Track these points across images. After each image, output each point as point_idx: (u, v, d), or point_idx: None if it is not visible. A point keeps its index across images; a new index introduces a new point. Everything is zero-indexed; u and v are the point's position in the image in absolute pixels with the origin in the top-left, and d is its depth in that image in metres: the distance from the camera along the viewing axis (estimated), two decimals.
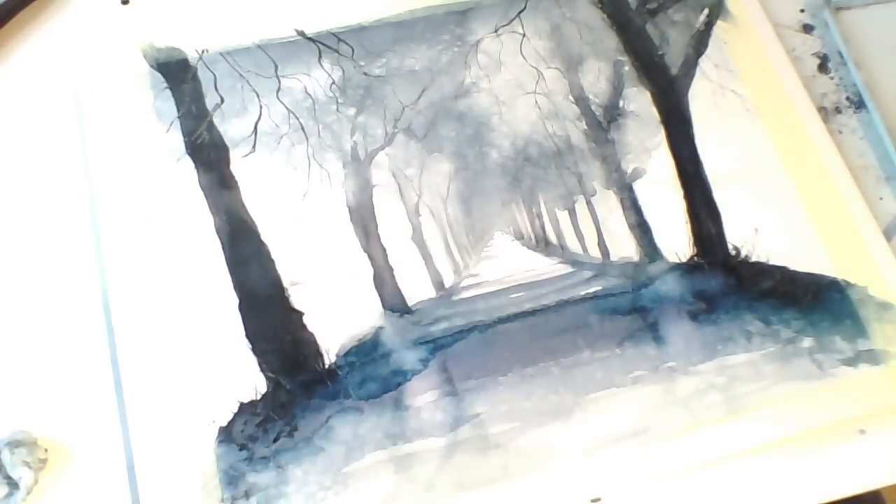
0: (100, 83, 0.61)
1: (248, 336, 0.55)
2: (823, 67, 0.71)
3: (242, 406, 0.53)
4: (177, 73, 0.62)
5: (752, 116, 0.67)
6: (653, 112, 0.67)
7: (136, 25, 0.63)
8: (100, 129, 0.60)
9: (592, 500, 0.52)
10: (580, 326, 0.58)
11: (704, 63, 0.69)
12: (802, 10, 0.74)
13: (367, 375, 0.55)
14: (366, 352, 0.56)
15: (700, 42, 0.70)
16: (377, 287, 0.59)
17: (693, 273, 0.62)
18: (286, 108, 0.63)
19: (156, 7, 0.65)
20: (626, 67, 0.69)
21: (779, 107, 0.68)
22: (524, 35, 0.69)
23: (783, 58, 0.70)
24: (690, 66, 0.69)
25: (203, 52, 0.63)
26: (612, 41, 0.69)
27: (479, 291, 0.62)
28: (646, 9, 0.71)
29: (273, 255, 0.58)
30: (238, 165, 0.60)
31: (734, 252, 0.62)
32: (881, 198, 0.65)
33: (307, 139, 0.62)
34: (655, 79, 0.69)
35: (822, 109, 0.69)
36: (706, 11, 0.71)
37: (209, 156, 0.60)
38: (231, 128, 0.61)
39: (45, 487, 0.50)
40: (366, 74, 0.65)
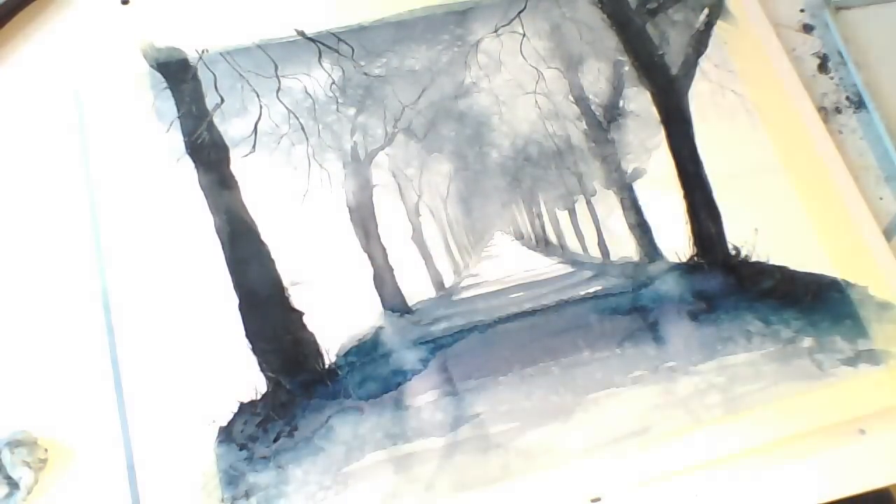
0: (100, 83, 0.61)
1: (248, 336, 0.55)
2: (823, 67, 0.71)
3: (242, 406, 0.53)
4: (177, 73, 0.62)
5: (752, 116, 0.67)
6: (653, 112, 0.67)
7: (136, 25, 0.63)
8: (100, 129, 0.60)
9: (592, 500, 0.52)
10: (580, 326, 0.58)
11: (704, 63, 0.69)
12: (802, 10, 0.74)
13: (367, 375, 0.55)
14: (366, 352, 0.56)
15: (700, 42, 0.70)
16: (377, 287, 0.59)
17: (693, 273, 0.62)
18: (286, 108, 0.63)
19: (156, 7, 0.65)
20: (626, 67, 0.69)
21: (779, 107, 0.68)
22: (524, 35, 0.69)
23: (783, 58, 0.70)
24: (690, 66, 0.69)
25: (203, 52, 0.63)
26: (612, 41, 0.70)
27: (479, 291, 0.62)
28: (646, 9, 0.71)
29: (273, 255, 0.58)
30: (238, 165, 0.60)
31: (734, 252, 0.62)
32: (881, 198, 0.65)
33: (307, 139, 0.62)
34: (655, 79, 0.69)
35: (822, 109, 0.69)
36: (706, 11, 0.71)
37: (209, 156, 0.60)
38: (231, 128, 0.61)
39: (45, 487, 0.50)
40: (366, 74, 0.65)
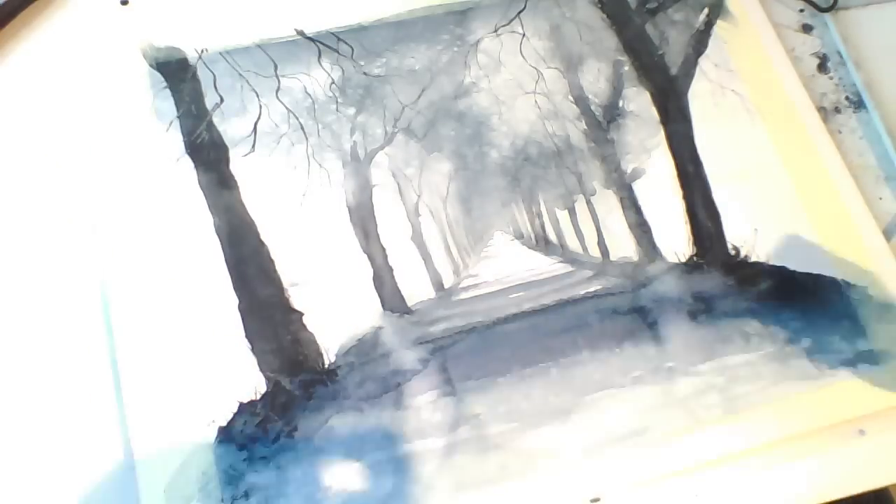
0: (99, 83, 0.61)
1: (248, 336, 0.55)
2: (823, 67, 0.71)
3: (242, 406, 0.53)
4: (176, 73, 0.62)
5: (752, 116, 0.67)
6: (652, 112, 0.67)
7: (136, 25, 0.63)
8: (99, 129, 0.60)
9: (592, 500, 0.52)
10: (579, 326, 0.58)
11: (704, 63, 0.69)
12: (802, 10, 0.74)
13: (367, 375, 0.55)
14: (365, 352, 0.56)
15: (700, 42, 0.70)
16: (377, 287, 0.59)
17: (692, 273, 0.62)
18: (286, 108, 0.63)
19: (155, 7, 0.65)
20: (626, 67, 0.69)
21: (779, 107, 0.68)
22: (524, 35, 0.69)
23: (783, 58, 0.70)
24: (690, 66, 0.69)
25: (202, 52, 0.63)
26: (612, 41, 0.69)
27: (479, 292, 0.62)
28: (646, 9, 0.71)
29: (273, 255, 0.58)
30: (238, 165, 0.60)
31: (733, 252, 0.62)
32: (881, 198, 0.65)
33: (307, 139, 0.62)
34: (655, 79, 0.69)
35: (822, 109, 0.69)
36: (706, 11, 0.71)
37: (209, 155, 0.60)
38: (230, 127, 0.61)
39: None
40: (365, 74, 0.65)
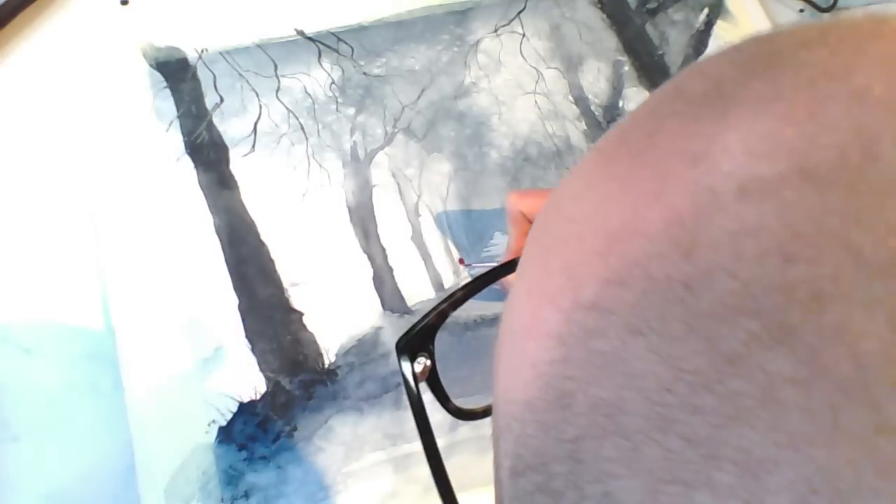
0: (99, 83, 0.61)
1: (248, 336, 0.55)
2: None
3: (242, 406, 0.53)
4: (176, 73, 0.62)
5: None
6: None
7: (136, 25, 0.63)
8: (99, 129, 0.60)
9: None
10: None
11: None
12: (802, 11, 0.74)
13: (367, 375, 0.55)
14: (365, 352, 0.56)
15: (700, 42, 0.70)
16: (377, 287, 0.59)
17: None
18: (286, 108, 0.63)
19: (155, 7, 0.65)
20: (626, 67, 0.69)
21: None
22: (524, 35, 0.69)
23: None
24: None
25: (203, 52, 0.63)
26: (612, 41, 0.70)
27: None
28: (646, 9, 0.71)
29: (273, 255, 0.58)
30: (237, 165, 0.60)
31: None
32: None
33: (307, 139, 0.62)
34: (655, 79, 0.69)
35: None
36: (706, 11, 0.71)
37: (209, 155, 0.60)
38: (230, 127, 0.61)
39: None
40: (365, 74, 0.65)
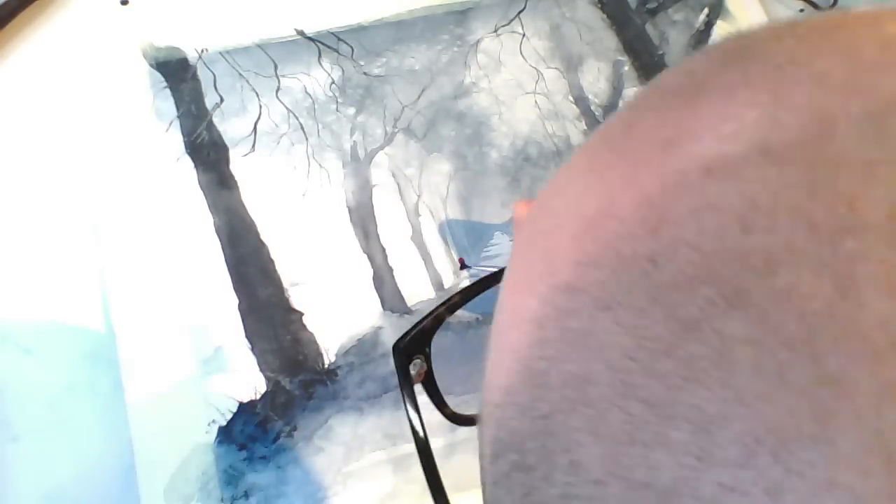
0: (99, 83, 0.61)
1: (248, 336, 0.55)
2: None
3: (242, 406, 0.53)
4: (176, 73, 0.62)
5: None
6: None
7: (136, 25, 0.63)
8: (100, 129, 0.60)
9: None
10: None
11: None
12: (802, 10, 0.74)
13: (367, 375, 0.55)
14: (365, 352, 0.56)
15: (700, 42, 0.70)
16: (377, 287, 0.59)
17: None
18: (286, 108, 0.63)
19: (155, 7, 0.65)
20: (626, 67, 0.69)
21: None
22: (524, 35, 0.69)
23: None
24: None
25: (203, 52, 0.63)
26: (612, 41, 0.70)
27: None
28: (646, 9, 0.71)
29: (273, 255, 0.58)
30: (238, 165, 0.60)
31: None
32: None
33: (307, 139, 0.62)
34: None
35: None
36: (706, 11, 0.71)
37: (209, 155, 0.60)
38: (231, 127, 0.61)
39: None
40: (365, 74, 0.65)
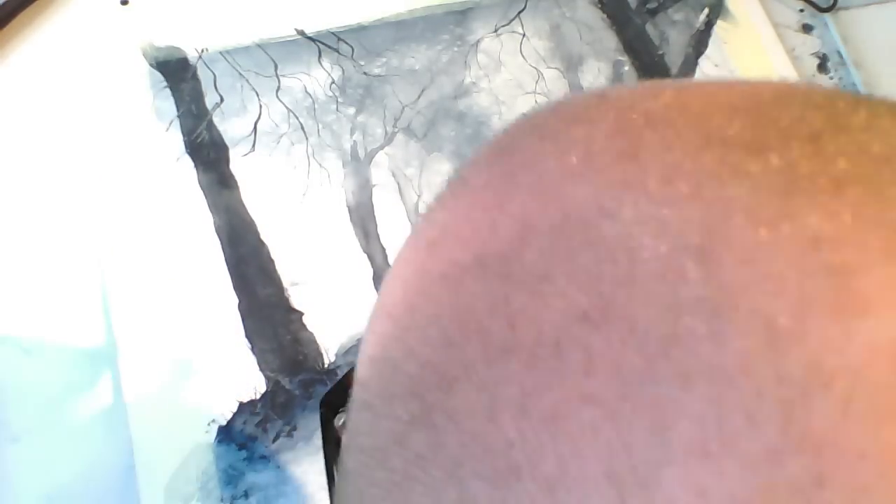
0: (100, 83, 0.61)
1: (248, 336, 0.55)
2: (823, 67, 0.71)
3: (242, 406, 0.53)
4: (176, 73, 0.62)
5: None
6: None
7: (136, 25, 0.63)
8: (100, 129, 0.60)
9: None
10: None
11: (704, 63, 0.69)
12: (802, 10, 0.74)
13: None
14: None
15: (700, 42, 0.70)
16: (377, 287, 0.59)
17: None
18: (286, 108, 0.63)
19: (155, 7, 0.65)
20: (626, 67, 0.69)
21: None
22: (524, 35, 0.69)
23: (783, 58, 0.70)
24: (690, 66, 0.69)
25: (203, 52, 0.63)
26: (612, 41, 0.70)
27: None
28: (646, 9, 0.71)
29: (273, 255, 0.58)
30: (238, 165, 0.60)
31: None
32: None
33: (307, 138, 0.62)
34: (655, 79, 0.69)
35: None
36: (706, 11, 0.71)
37: (209, 155, 0.60)
38: (231, 127, 0.61)
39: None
40: (365, 74, 0.65)
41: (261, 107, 0.62)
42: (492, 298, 0.11)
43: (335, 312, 0.57)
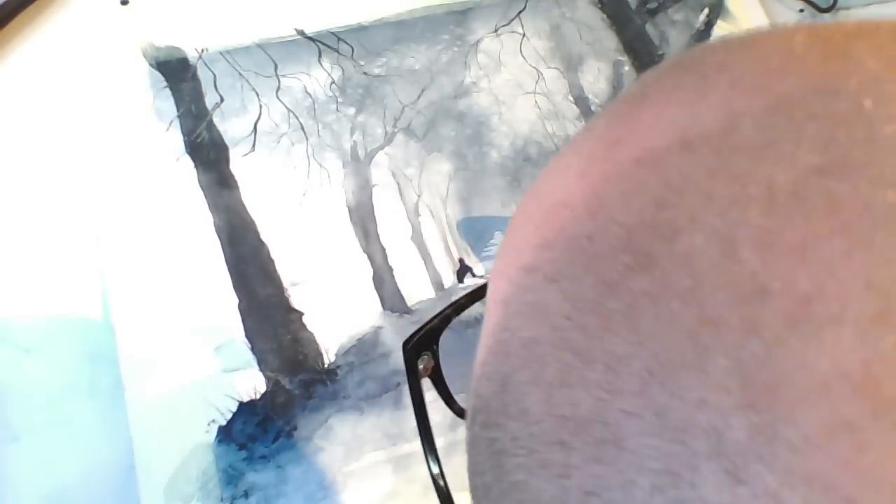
0: (100, 83, 0.61)
1: (248, 336, 0.55)
2: None
3: (242, 406, 0.53)
4: (176, 73, 0.62)
5: None
6: None
7: (136, 25, 0.63)
8: (100, 129, 0.60)
9: None
10: None
11: None
12: (802, 10, 0.74)
13: (367, 375, 0.55)
14: (365, 352, 0.56)
15: (700, 42, 0.70)
16: (376, 287, 0.59)
17: None
18: (286, 108, 0.63)
19: (155, 7, 0.65)
20: (626, 67, 0.69)
21: None
22: (524, 35, 0.69)
23: None
24: None
25: (203, 52, 0.63)
26: (612, 41, 0.70)
27: None
28: (646, 9, 0.71)
29: (273, 255, 0.58)
30: (238, 165, 0.60)
31: None
32: None
33: (307, 138, 0.62)
34: None
35: None
36: (706, 11, 0.71)
37: (209, 155, 0.60)
38: (231, 127, 0.61)
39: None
40: (365, 74, 0.65)
41: (261, 107, 0.62)
42: (707, 166, 0.12)
43: (335, 312, 0.57)
